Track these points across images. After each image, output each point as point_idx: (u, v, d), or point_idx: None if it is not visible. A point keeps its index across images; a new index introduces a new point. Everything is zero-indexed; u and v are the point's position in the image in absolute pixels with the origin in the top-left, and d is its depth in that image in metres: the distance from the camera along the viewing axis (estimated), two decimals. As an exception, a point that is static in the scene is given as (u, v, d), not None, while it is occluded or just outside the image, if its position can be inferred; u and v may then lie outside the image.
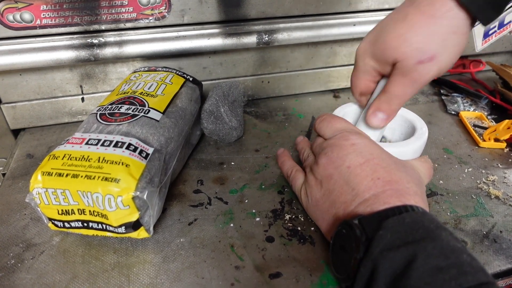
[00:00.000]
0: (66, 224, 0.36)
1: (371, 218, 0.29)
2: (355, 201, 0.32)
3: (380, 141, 0.48)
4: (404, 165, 0.35)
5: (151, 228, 0.37)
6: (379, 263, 0.26)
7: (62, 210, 0.35)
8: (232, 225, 0.40)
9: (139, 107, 0.42)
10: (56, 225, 0.37)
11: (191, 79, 0.51)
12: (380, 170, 0.33)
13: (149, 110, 0.42)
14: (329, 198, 0.35)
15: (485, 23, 0.34)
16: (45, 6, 0.48)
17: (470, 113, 0.60)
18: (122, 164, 0.35)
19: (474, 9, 0.32)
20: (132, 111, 0.41)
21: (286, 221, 0.40)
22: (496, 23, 0.67)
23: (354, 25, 0.60)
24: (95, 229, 0.36)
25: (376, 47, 0.37)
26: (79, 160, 0.35)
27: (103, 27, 0.52)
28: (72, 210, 0.35)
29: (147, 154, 0.37)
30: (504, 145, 0.52)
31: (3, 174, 0.49)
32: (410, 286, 0.24)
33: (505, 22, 0.67)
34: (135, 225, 0.35)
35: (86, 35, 0.52)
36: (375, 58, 0.38)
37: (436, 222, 0.28)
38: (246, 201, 0.43)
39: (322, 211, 0.36)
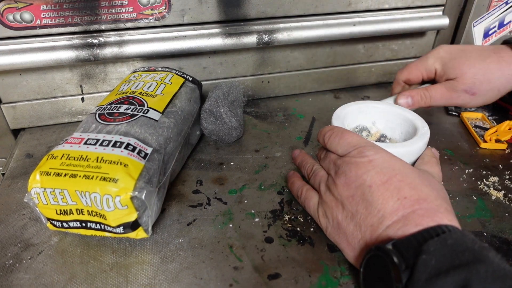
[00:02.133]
0: (65, 224, 0.36)
1: (407, 242, 0.27)
2: (382, 224, 0.30)
3: (379, 140, 0.47)
4: (426, 176, 0.34)
5: (150, 229, 0.37)
6: None
7: (60, 210, 0.35)
8: (231, 225, 0.40)
9: (138, 107, 0.42)
10: (55, 225, 0.37)
11: (190, 79, 0.51)
12: (405, 188, 0.31)
13: (148, 110, 0.42)
14: (353, 221, 0.32)
15: None
16: (45, 6, 0.48)
17: (471, 114, 0.60)
18: (121, 164, 0.35)
19: None
20: (131, 111, 0.41)
21: (285, 222, 0.40)
22: (496, 23, 0.67)
23: (354, 25, 0.60)
24: (94, 229, 0.36)
25: (452, 61, 0.49)
26: (77, 160, 0.35)
27: (103, 27, 0.52)
28: (70, 210, 0.35)
29: (146, 154, 0.37)
30: (505, 146, 0.52)
31: (3, 174, 0.49)
32: None
33: (505, 22, 0.67)
34: (133, 225, 0.35)
35: (86, 35, 0.52)
36: (444, 65, 0.49)
37: (478, 242, 0.26)
38: (245, 201, 0.43)
39: (346, 234, 0.33)
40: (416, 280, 0.25)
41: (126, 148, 0.36)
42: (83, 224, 0.36)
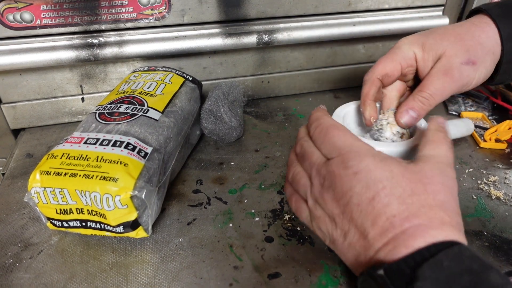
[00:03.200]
0: (65, 224, 0.36)
1: (399, 268, 0.25)
2: (373, 246, 0.28)
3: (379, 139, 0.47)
4: (421, 178, 0.29)
5: (150, 228, 0.37)
6: None
7: (60, 209, 0.35)
8: (231, 225, 0.40)
9: (138, 107, 0.42)
10: (55, 225, 0.37)
11: (190, 78, 0.51)
12: (394, 203, 0.28)
13: (148, 110, 0.42)
14: (346, 240, 0.30)
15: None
16: (45, 6, 0.48)
17: (471, 114, 0.60)
18: (121, 163, 0.35)
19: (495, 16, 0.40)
20: (131, 110, 0.41)
21: (286, 221, 0.40)
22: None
23: (354, 25, 0.60)
24: (94, 228, 0.36)
25: (431, 37, 0.40)
26: (77, 159, 0.35)
27: (103, 27, 0.52)
28: (70, 209, 0.35)
29: (146, 154, 0.37)
30: (505, 145, 0.52)
31: (3, 174, 0.49)
32: None
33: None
34: (133, 225, 0.35)
35: (86, 35, 0.52)
36: (423, 47, 0.40)
37: (479, 260, 0.24)
38: (246, 201, 0.43)
39: (343, 251, 0.31)
40: None
41: (126, 147, 0.36)
42: (83, 224, 0.36)
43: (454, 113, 0.61)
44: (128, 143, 0.37)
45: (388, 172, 0.29)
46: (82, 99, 0.57)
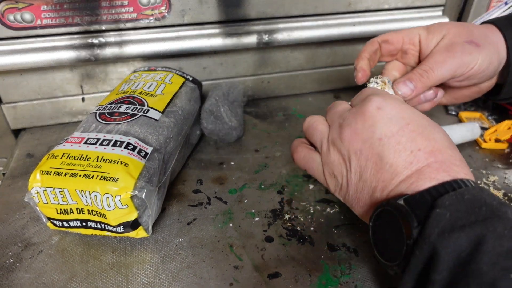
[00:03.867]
0: (65, 223, 0.36)
1: (420, 198, 0.25)
2: (394, 180, 0.28)
3: None
4: (436, 124, 0.30)
5: (150, 228, 0.37)
6: (439, 246, 0.22)
7: (61, 209, 0.35)
8: (231, 225, 0.40)
9: (139, 107, 0.42)
10: (55, 225, 0.37)
11: (190, 78, 0.51)
12: (419, 139, 0.28)
13: (148, 110, 0.42)
14: (362, 177, 0.30)
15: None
16: (45, 6, 0.48)
17: (469, 114, 0.60)
18: (121, 163, 0.35)
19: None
20: (132, 110, 0.41)
21: (286, 221, 0.40)
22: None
23: (354, 25, 0.60)
24: (94, 228, 0.36)
25: (436, 24, 0.42)
26: (77, 159, 0.35)
27: (103, 27, 0.52)
28: (70, 209, 0.35)
29: (146, 154, 0.37)
30: (505, 145, 0.52)
31: (3, 174, 0.49)
32: (481, 271, 0.21)
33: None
34: (133, 225, 0.35)
35: (86, 35, 0.52)
36: (428, 30, 0.41)
37: (497, 198, 0.24)
38: (246, 201, 0.43)
39: (356, 191, 0.31)
40: (427, 235, 0.23)
41: (126, 147, 0.36)
42: (84, 224, 0.36)
43: (453, 113, 0.61)
44: (129, 143, 0.37)
45: (411, 111, 0.30)
46: (83, 99, 0.57)
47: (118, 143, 0.37)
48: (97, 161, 0.35)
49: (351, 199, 0.32)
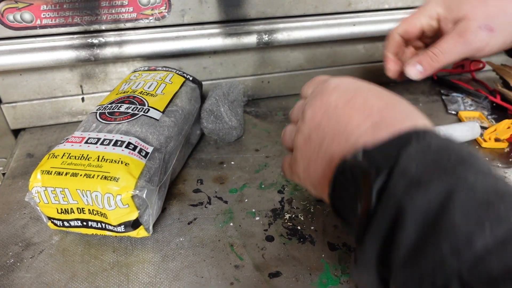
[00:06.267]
0: (66, 223, 0.36)
1: (380, 147, 0.22)
2: (351, 139, 0.25)
3: None
4: (396, 95, 0.29)
5: (151, 227, 0.37)
6: (406, 203, 0.20)
7: (61, 209, 0.35)
8: (231, 224, 0.40)
9: (139, 106, 0.42)
10: (56, 224, 0.37)
11: (191, 78, 0.51)
12: (372, 98, 0.27)
13: (148, 109, 0.42)
14: (321, 148, 0.28)
15: None
16: (45, 6, 0.48)
17: (469, 113, 0.60)
18: (122, 163, 0.35)
19: None
20: (132, 110, 0.41)
21: (286, 220, 0.40)
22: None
23: (354, 25, 0.60)
24: (95, 228, 0.36)
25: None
26: (78, 159, 0.35)
27: (103, 27, 0.52)
28: (71, 209, 0.35)
29: (147, 153, 0.37)
30: (506, 145, 0.52)
31: (3, 174, 0.49)
32: (454, 227, 0.18)
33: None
34: (134, 224, 0.35)
35: (86, 35, 0.52)
36: (446, 8, 0.41)
37: (466, 148, 0.22)
38: (246, 200, 0.43)
39: (316, 167, 0.28)
40: (391, 191, 0.20)
41: (127, 147, 0.36)
42: (84, 223, 0.36)
43: (453, 112, 0.61)
44: (129, 143, 0.37)
45: (366, 83, 0.29)
46: (82, 99, 0.57)
47: (119, 142, 0.37)
48: (98, 160, 0.35)
49: (314, 178, 0.29)
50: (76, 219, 0.36)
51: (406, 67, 0.41)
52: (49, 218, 0.37)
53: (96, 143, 0.36)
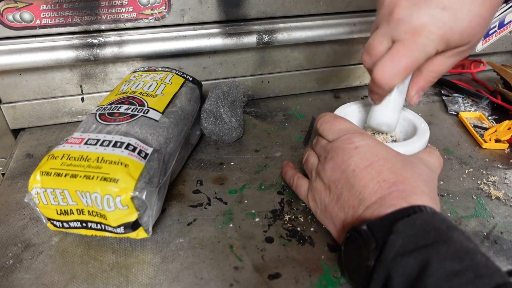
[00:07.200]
0: (65, 224, 0.36)
1: (380, 223, 0.29)
2: (362, 205, 0.32)
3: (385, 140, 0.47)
4: (411, 162, 0.34)
5: (150, 229, 0.37)
6: (392, 270, 0.25)
7: (61, 210, 0.35)
8: (231, 225, 0.40)
9: (139, 107, 0.42)
10: (55, 225, 0.37)
11: (190, 79, 0.51)
12: (385, 172, 0.32)
13: (148, 110, 0.42)
14: (337, 203, 0.34)
15: None
16: (45, 6, 0.48)
17: (469, 114, 0.60)
18: (121, 164, 0.35)
19: None
20: (132, 111, 0.41)
21: (286, 222, 0.40)
22: (496, 22, 0.67)
23: (354, 25, 0.60)
24: (94, 229, 0.36)
25: (453, 32, 0.34)
26: (78, 160, 0.35)
27: (103, 27, 0.52)
28: (71, 210, 0.35)
29: (146, 154, 0.37)
30: (506, 145, 0.52)
31: (3, 174, 0.49)
32: None
33: (505, 22, 0.67)
34: (134, 225, 0.35)
35: (86, 35, 0.52)
36: (446, 45, 0.35)
37: (447, 222, 0.27)
38: (246, 201, 0.43)
39: (332, 216, 0.35)
40: (384, 259, 0.26)
41: (126, 148, 0.36)
42: (84, 224, 0.36)
43: (453, 112, 0.61)
44: (129, 144, 0.37)
45: (385, 150, 0.34)
46: (82, 99, 0.57)
47: (118, 143, 0.36)
48: (97, 162, 0.35)
49: (328, 222, 0.36)
50: (76, 220, 0.36)
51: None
52: (49, 219, 0.37)
53: (95, 144, 0.36)
